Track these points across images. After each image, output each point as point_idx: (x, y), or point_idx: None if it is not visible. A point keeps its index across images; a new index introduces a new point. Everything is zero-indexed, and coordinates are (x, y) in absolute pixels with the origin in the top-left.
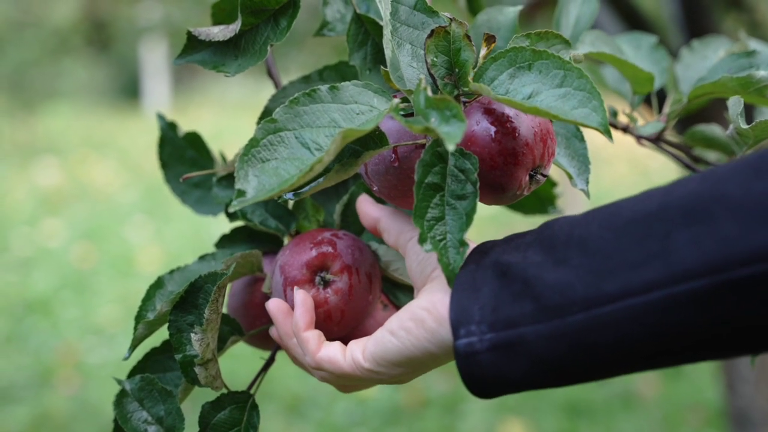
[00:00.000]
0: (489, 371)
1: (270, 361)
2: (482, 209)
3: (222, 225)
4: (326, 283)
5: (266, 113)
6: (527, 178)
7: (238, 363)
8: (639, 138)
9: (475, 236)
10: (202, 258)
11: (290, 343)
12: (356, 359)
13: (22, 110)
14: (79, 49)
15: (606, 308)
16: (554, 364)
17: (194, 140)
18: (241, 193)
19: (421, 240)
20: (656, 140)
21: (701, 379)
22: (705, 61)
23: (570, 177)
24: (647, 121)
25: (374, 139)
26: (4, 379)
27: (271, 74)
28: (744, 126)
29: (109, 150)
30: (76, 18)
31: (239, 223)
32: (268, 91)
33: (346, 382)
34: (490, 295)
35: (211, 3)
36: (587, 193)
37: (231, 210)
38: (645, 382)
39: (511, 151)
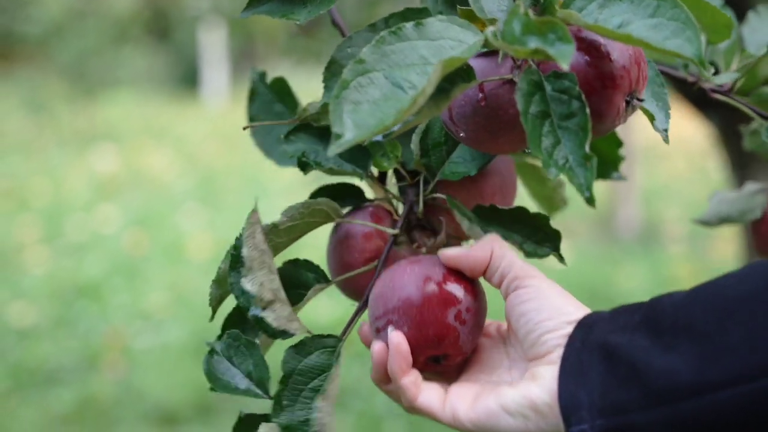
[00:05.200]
0: None
1: (363, 307)
2: (531, 206)
3: (277, 214)
4: (437, 363)
5: (332, 63)
6: (624, 104)
7: None
8: (711, 91)
9: None
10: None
11: (386, 387)
12: (457, 417)
13: (82, 98)
14: (139, 37)
15: (714, 395)
16: None
17: (281, 90)
18: (339, 137)
19: (545, 166)
20: (728, 93)
21: None
22: None
23: (652, 119)
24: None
25: (462, 74)
26: (52, 361)
27: (336, 23)
28: None
29: (166, 138)
30: (136, 7)
31: (316, 183)
32: (320, 80)
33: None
34: (597, 379)
35: None
36: (666, 139)
37: (331, 153)
38: None
39: (608, 74)
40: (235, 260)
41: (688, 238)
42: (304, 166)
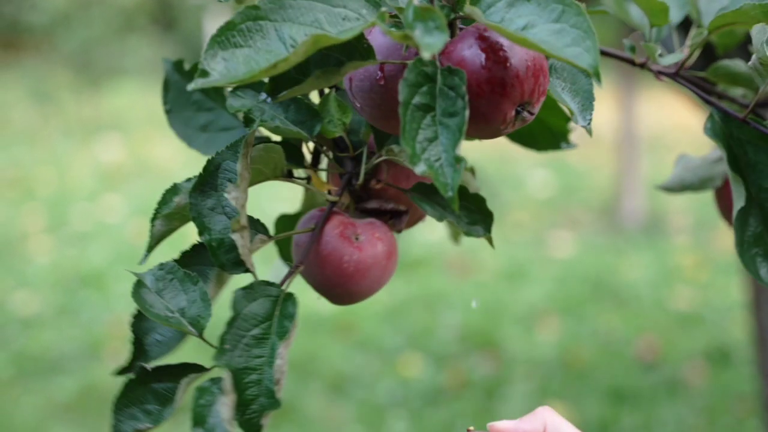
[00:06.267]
0: None
1: (299, 264)
2: (536, 193)
3: (277, 202)
4: None
5: None
6: (513, 113)
7: None
8: (658, 73)
9: (529, 220)
10: None
11: None
12: None
13: (87, 87)
14: (145, 27)
15: None
16: None
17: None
18: (205, 74)
19: (413, 161)
20: (675, 74)
21: (750, 368)
22: None
23: (572, 113)
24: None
25: (360, 51)
26: (54, 350)
27: None
28: None
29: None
30: None
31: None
32: None
33: None
34: None
35: None
36: (589, 131)
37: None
38: (693, 370)
39: (499, 80)
40: (216, 176)
41: (692, 229)
42: (249, 123)
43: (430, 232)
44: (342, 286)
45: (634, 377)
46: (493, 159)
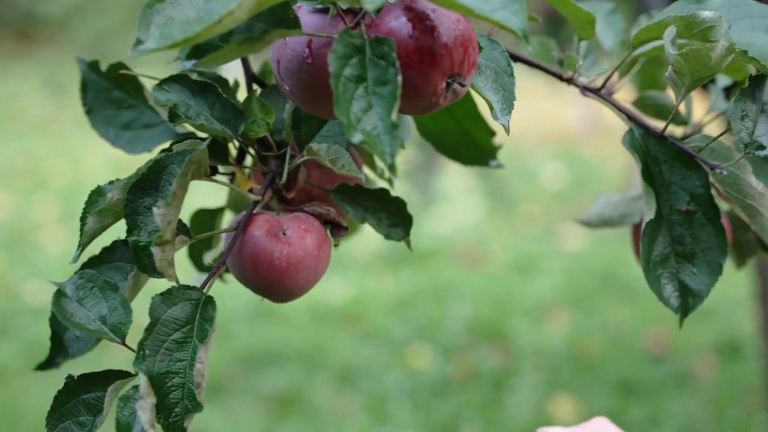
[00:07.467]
0: None
1: (223, 262)
2: (548, 186)
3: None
4: None
5: None
6: (444, 84)
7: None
8: (583, 88)
9: (540, 212)
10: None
11: None
12: None
13: None
14: None
15: None
16: None
17: (119, 77)
18: (140, 42)
19: (349, 132)
20: (597, 91)
21: (759, 361)
22: None
23: (491, 108)
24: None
25: (286, 21)
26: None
27: None
28: (674, 52)
29: None
30: None
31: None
32: None
33: None
34: None
35: None
36: (507, 129)
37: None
38: (702, 363)
39: (427, 49)
40: (160, 177)
41: None
42: (174, 118)
43: (439, 224)
44: (277, 283)
45: (642, 370)
46: (504, 151)
